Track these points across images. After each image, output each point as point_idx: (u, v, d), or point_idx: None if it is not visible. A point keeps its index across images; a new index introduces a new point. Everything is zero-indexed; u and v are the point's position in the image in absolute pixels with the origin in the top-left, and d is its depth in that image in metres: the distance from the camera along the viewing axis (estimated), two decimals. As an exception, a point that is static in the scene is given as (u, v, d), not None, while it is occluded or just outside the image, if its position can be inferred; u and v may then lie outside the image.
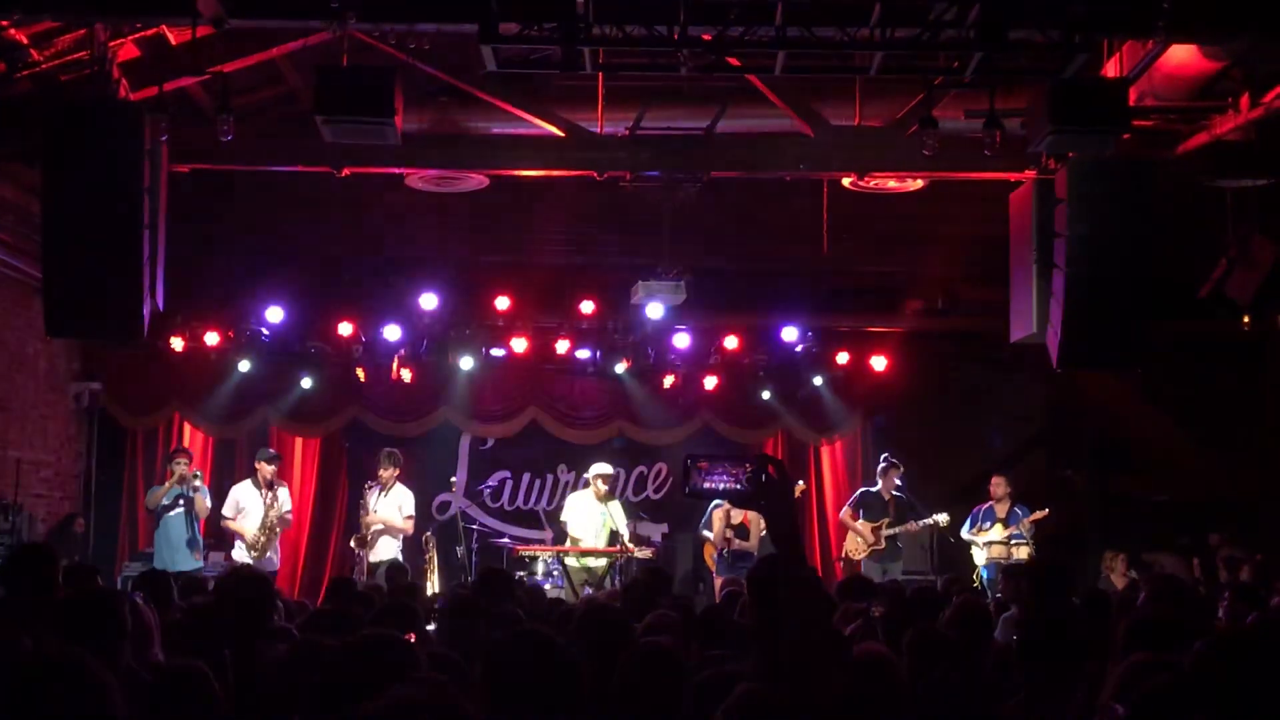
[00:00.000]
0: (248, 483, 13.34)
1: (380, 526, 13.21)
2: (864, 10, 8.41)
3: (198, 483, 13.00)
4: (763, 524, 10.55)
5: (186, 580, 8.74)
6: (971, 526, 13.60)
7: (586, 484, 14.02)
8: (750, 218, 13.56)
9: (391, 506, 13.29)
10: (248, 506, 13.11)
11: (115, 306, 8.99)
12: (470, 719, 2.42)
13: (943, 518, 13.49)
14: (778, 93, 10.73)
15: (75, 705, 2.28)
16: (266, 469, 13.20)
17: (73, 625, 4.51)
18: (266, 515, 13.01)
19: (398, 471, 13.42)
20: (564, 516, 13.80)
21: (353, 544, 13.43)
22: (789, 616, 2.83)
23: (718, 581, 12.94)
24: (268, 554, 12.91)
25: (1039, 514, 13.39)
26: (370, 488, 13.44)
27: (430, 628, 6.60)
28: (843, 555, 14.10)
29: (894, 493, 13.78)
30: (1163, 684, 3.04)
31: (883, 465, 13.98)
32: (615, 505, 13.65)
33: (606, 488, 13.70)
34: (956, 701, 4.63)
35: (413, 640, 4.26)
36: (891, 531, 13.63)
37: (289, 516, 13.46)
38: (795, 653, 2.80)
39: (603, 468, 13.87)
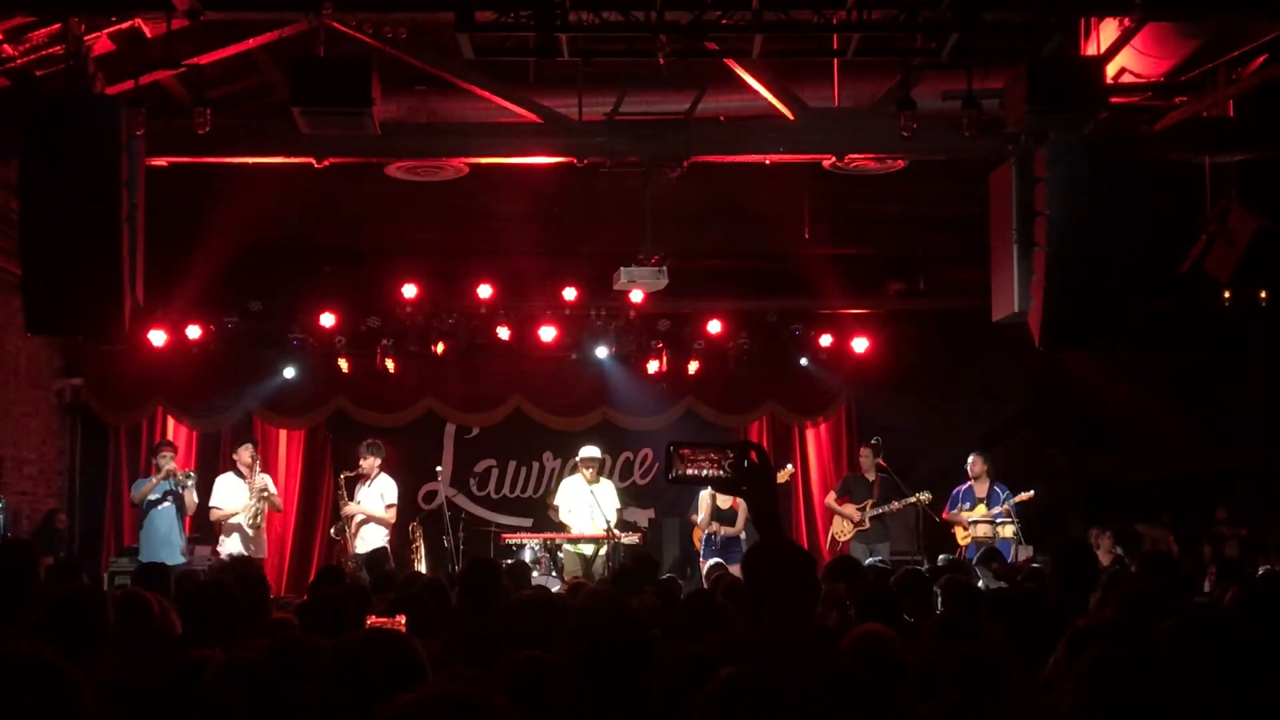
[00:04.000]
0: (229, 474, 13.32)
1: (362, 516, 13.16)
2: (840, -8, 8.41)
3: (190, 481, 12.98)
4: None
5: (179, 575, 8.73)
6: (952, 507, 13.60)
7: (575, 468, 14.03)
8: (731, 201, 13.54)
9: (374, 496, 13.22)
10: (234, 495, 13.08)
11: (95, 302, 8.92)
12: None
13: (925, 496, 13.51)
14: (756, 76, 10.71)
15: (39, 704, 2.22)
16: (245, 454, 13.19)
17: (51, 626, 4.45)
18: (252, 491, 12.99)
19: (380, 462, 13.35)
20: (557, 501, 13.81)
21: (332, 533, 13.41)
22: (771, 600, 2.83)
23: (704, 565, 12.98)
24: (260, 538, 12.94)
25: (1024, 495, 13.34)
26: (351, 478, 13.39)
27: None
28: (829, 538, 14.15)
29: (878, 473, 13.82)
30: (1100, 654, 3.01)
31: (866, 447, 14.01)
32: (602, 489, 13.65)
33: (591, 471, 13.71)
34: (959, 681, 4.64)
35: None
36: (876, 512, 13.66)
37: (279, 500, 13.46)
38: (778, 635, 2.81)
39: (588, 451, 13.87)
